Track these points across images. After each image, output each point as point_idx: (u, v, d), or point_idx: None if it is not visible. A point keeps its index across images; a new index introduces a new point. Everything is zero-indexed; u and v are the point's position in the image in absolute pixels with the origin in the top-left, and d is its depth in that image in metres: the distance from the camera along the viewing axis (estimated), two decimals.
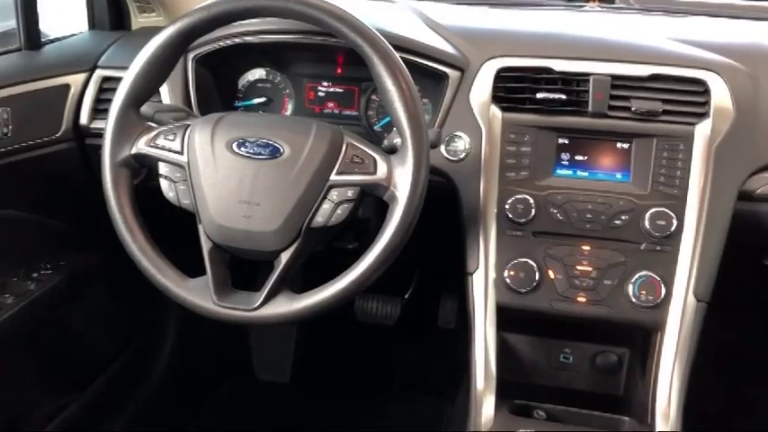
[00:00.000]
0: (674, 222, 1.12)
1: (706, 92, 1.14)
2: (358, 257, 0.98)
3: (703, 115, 1.14)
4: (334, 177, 0.99)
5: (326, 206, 0.98)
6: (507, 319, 1.22)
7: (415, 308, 1.91)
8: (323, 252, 1.16)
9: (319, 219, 0.99)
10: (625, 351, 1.28)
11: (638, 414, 1.17)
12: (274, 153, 1.00)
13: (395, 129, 0.99)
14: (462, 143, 1.19)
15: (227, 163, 1.00)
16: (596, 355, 1.29)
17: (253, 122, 1.06)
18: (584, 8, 1.55)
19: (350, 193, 0.98)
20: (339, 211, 0.98)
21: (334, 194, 0.98)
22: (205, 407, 1.93)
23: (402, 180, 0.97)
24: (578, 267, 1.15)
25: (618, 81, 1.16)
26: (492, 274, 1.17)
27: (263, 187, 0.99)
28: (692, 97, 1.15)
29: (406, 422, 1.89)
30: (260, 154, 1.00)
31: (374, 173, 0.98)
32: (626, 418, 1.16)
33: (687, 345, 1.11)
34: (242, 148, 1.00)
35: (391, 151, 1.02)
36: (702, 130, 1.13)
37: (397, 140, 1.00)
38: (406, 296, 1.88)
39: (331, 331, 2.01)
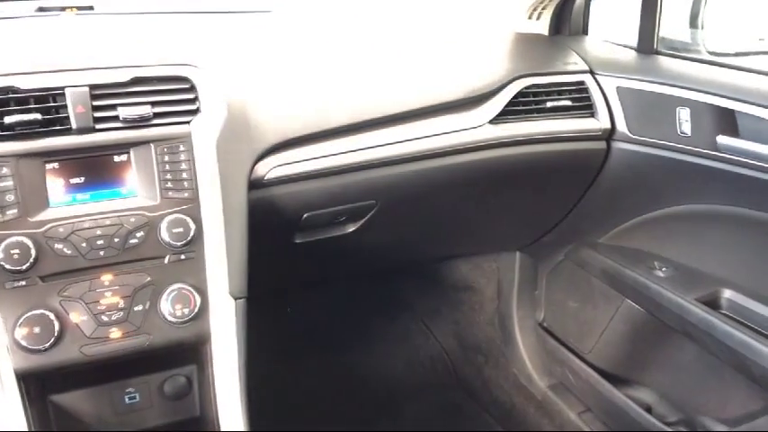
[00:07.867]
0: (192, 226, 1.07)
1: (193, 88, 1.11)
2: None
3: (196, 112, 1.11)
4: None
5: None
6: (51, 381, 1.04)
7: None
8: None
9: None
10: (192, 368, 1.21)
11: (212, 429, 1.11)
12: None
13: None
14: None
15: None
16: (164, 382, 1.19)
17: None
18: (60, 16, 1.39)
19: None
20: None
21: None
22: None
23: None
24: (102, 302, 1.02)
25: (98, 90, 1.05)
26: (2, 339, 0.97)
27: None
28: (180, 95, 1.11)
29: None
30: None
31: None
32: None
33: (236, 346, 1.09)
34: None
35: None
36: (198, 128, 1.10)
37: None
38: None
39: None
